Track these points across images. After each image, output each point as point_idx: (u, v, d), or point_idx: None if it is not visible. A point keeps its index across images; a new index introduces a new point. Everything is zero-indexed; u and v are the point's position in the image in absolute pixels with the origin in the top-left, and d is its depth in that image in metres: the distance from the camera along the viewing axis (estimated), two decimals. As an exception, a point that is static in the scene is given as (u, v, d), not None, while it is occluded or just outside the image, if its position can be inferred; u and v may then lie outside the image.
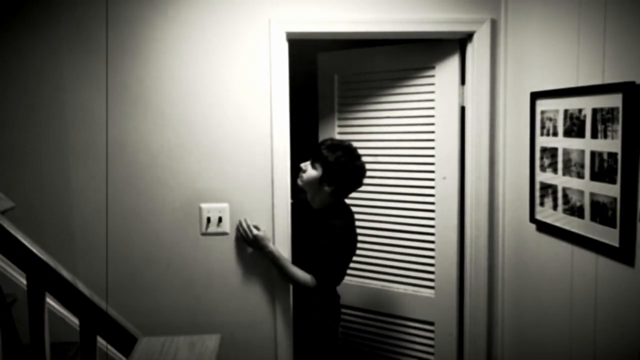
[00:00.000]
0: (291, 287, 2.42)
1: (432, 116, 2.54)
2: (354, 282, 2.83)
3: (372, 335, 2.85)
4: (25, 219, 2.15)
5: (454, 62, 2.47)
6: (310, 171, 2.31)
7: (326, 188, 2.29)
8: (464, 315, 2.53)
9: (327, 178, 2.27)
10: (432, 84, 2.53)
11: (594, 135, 1.68)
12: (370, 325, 2.85)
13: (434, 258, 2.60)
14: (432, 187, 2.57)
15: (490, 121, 2.38)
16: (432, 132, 2.54)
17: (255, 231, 2.31)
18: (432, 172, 2.56)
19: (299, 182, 2.36)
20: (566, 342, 1.88)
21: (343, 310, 2.57)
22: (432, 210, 2.58)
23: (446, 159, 2.51)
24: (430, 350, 2.65)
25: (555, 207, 1.92)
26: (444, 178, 2.52)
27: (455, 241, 2.52)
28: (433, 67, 2.52)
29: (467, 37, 2.39)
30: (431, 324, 2.63)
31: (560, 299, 1.92)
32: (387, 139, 2.70)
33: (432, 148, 2.55)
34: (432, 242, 2.59)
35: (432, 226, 2.58)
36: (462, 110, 2.46)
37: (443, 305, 2.58)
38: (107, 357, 2.01)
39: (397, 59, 2.64)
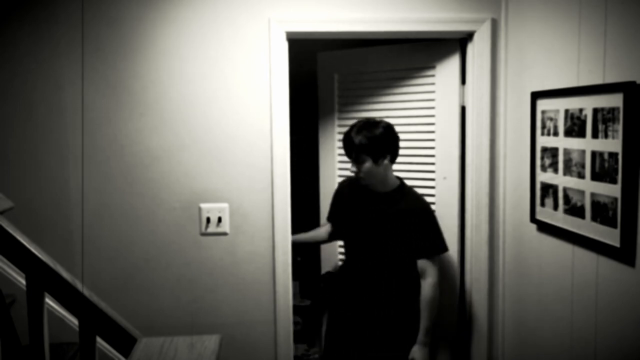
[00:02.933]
0: (291, 287, 2.42)
1: (433, 116, 2.53)
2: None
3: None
4: (25, 219, 2.15)
5: (454, 61, 2.46)
6: (363, 165, 2.27)
7: (385, 162, 2.28)
8: (465, 317, 2.52)
9: (380, 152, 2.26)
10: (433, 84, 2.52)
11: (595, 135, 1.67)
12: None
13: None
14: (433, 187, 2.56)
15: (490, 121, 2.37)
16: (433, 132, 2.54)
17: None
18: (433, 172, 2.55)
19: (365, 181, 2.32)
20: (567, 342, 1.88)
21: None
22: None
23: (447, 159, 2.51)
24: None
25: (556, 207, 1.92)
26: (445, 178, 2.52)
27: (456, 241, 2.51)
28: (433, 67, 2.51)
29: (468, 37, 2.39)
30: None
31: (561, 299, 1.91)
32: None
33: (433, 148, 2.54)
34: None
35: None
36: (463, 110, 2.46)
37: (444, 306, 2.56)
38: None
39: (398, 58, 2.63)
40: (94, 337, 1.77)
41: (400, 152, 2.64)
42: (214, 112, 2.34)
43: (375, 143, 2.24)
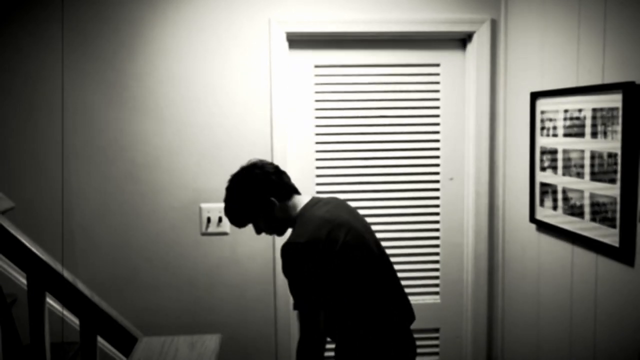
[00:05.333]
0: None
1: (437, 116, 2.50)
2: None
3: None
4: (25, 219, 2.16)
5: (458, 60, 2.45)
6: (261, 224, 1.81)
7: (276, 203, 1.76)
8: (464, 318, 2.52)
9: (260, 203, 1.76)
10: (437, 82, 2.48)
11: (594, 135, 1.68)
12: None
13: (439, 262, 2.54)
14: (437, 190, 2.52)
15: (490, 121, 2.38)
16: (437, 132, 2.50)
17: None
18: (437, 173, 2.51)
19: (281, 233, 1.87)
20: (566, 341, 1.89)
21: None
22: (437, 214, 2.52)
23: (451, 160, 2.49)
24: (434, 358, 2.58)
25: (555, 207, 1.92)
26: (451, 179, 2.51)
27: (463, 243, 2.50)
28: (437, 65, 2.47)
29: (467, 37, 2.39)
30: (436, 330, 2.57)
31: (560, 299, 1.92)
32: (388, 140, 2.67)
33: (438, 149, 2.51)
34: (437, 245, 2.54)
35: (437, 230, 2.53)
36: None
37: (449, 310, 2.54)
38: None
39: (401, 55, 2.59)
40: (94, 336, 1.77)
41: (404, 153, 2.58)
42: (214, 112, 2.34)
43: (247, 201, 1.76)
